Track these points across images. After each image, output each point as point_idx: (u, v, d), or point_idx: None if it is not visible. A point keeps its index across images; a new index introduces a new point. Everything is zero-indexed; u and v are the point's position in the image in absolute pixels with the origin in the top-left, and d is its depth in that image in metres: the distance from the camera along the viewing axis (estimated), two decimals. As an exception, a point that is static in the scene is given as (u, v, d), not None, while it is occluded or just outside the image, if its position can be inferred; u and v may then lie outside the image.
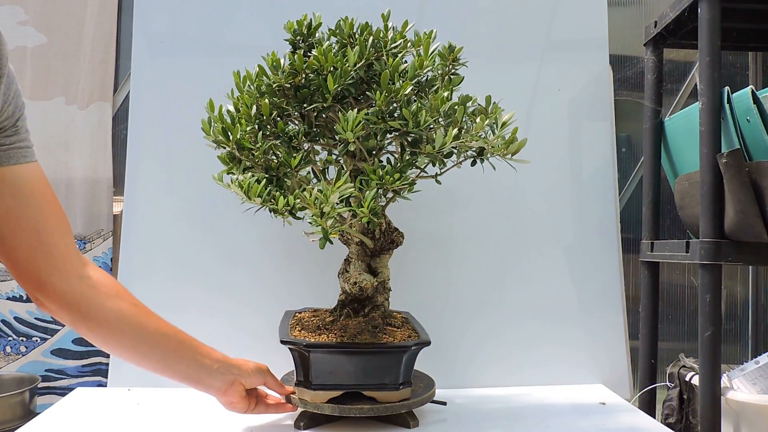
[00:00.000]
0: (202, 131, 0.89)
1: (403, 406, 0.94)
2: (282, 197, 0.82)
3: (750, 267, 1.61)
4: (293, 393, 0.97)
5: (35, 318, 1.44)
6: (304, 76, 0.88)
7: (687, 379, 1.18)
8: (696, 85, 1.36)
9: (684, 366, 1.22)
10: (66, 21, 1.47)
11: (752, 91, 1.00)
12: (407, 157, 0.88)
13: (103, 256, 1.46)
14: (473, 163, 0.94)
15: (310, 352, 0.92)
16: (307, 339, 0.94)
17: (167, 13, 1.32)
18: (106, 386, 1.25)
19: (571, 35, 1.37)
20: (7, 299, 1.44)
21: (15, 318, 1.43)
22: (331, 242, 0.80)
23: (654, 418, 1.10)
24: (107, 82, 1.48)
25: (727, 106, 1.03)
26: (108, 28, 1.48)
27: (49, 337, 1.44)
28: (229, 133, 0.86)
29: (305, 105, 0.89)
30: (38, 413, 1.06)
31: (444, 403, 1.05)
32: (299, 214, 0.85)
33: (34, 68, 1.46)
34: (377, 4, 1.14)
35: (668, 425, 1.14)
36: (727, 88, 1.04)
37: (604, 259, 1.33)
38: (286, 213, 0.82)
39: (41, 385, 1.39)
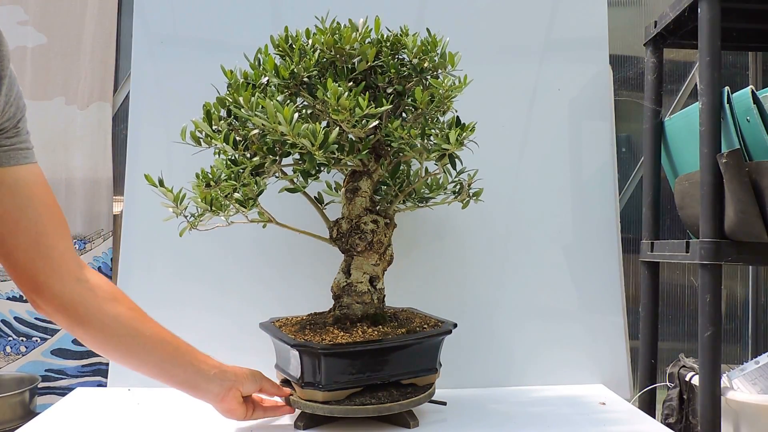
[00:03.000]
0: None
1: (308, 406, 0.93)
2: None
3: (750, 267, 1.61)
4: (291, 395, 0.97)
5: (35, 318, 1.44)
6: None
7: (687, 379, 1.18)
8: (696, 85, 1.36)
9: (684, 366, 1.22)
10: (66, 21, 1.47)
11: (752, 91, 1.00)
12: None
13: (103, 256, 1.46)
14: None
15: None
16: (273, 320, 1.06)
17: (167, 13, 1.32)
18: (106, 386, 1.24)
19: (571, 35, 1.37)
20: (7, 299, 1.44)
21: (15, 318, 1.43)
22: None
23: (654, 418, 1.10)
24: (107, 82, 1.48)
25: (727, 106, 1.03)
26: (108, 28, 1.49)
27: (49, 337, 1.44)
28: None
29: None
30: (38, 413, 1.06)
31: (444, 403, 1.05)
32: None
33: (34, 68, 1.46)
34: (378, 5, 1.14)
35: (668, 425, 1.14)
36: (727, 88, 1.04)
37: (604, 259, 1.33)
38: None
39: (41, 385, 1.39)
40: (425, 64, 0.94)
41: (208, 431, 0.97)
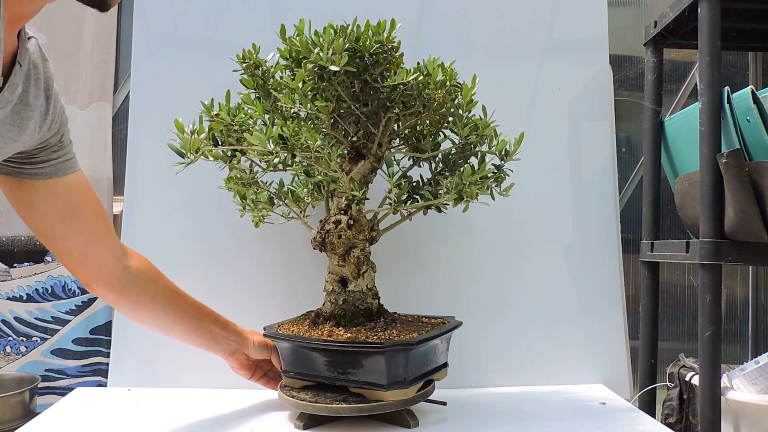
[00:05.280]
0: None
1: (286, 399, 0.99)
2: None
3: (750, 267, 1.61)
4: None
5: (35, 318, 1.44)
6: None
7: (687, 379, 1.18)
8: (696, 85, 1.36)
9: (684, 366, 1.22)
10: (66, 21, 1.47)
11: (752, 91, 1.00)
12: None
13: (103, 256, 1.46)
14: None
15: None
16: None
17: (167, 13, 1.31)
18: (106, 386, 1.24)
19: (571, 35, 1.37)
20: (7, 299, 1.44)
21: (15, 318, 1.43)
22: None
23: (654, 418, 1.10)
24: (107, 82, 1.48)
25: (727, 106, 1.03)
26: (108, 28, 1.49)
27: (49, 337, 1.44)
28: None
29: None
30: (38, 413, 1.06)
31: (444, 403, 1.05)
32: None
33: (34, 68, 1.46)
34: (378, 5, 1.15)
35: (668, 425, 1.14)
36: (727, 88, 1.04)
37: (604, 259, 1.33)
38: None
39: (41, 385, 1.39)
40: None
41: (208, 431, 0.97)
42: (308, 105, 0.86)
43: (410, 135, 1.01)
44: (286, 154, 0.87)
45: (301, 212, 1.05)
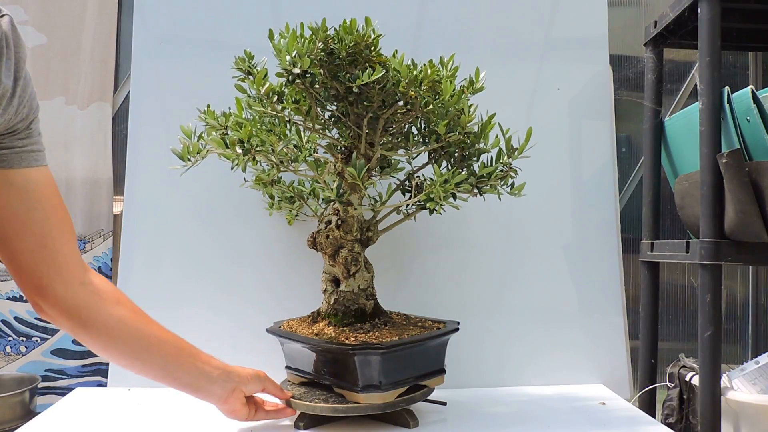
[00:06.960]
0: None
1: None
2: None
3: (750, 267, 1.61)
4: (293, 397, 0.97)
5: (35, 318, 1.44)
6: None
7: (687, 379, 1.18)
8: (696, 85, 1.36)
9: (684, 366, 1.22)
10: (66, 21, 1.48)
11: (752, 91, 1.00)
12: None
13: (103, 256, 1.46)
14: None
15: None
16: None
17: (167, 13, 1.31)
18: (106, 386, 1.24)
19: (571, 34, 1.37)
20: (7, 299, 1.44)
21: (15, 318, 1.44)
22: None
23: (654, 418, 1.10)
24: (107, 82, 1.48)
25: (727, 106, 1.03)
26: (108, 28, 1.49)
27: (49, 337, 1.44)
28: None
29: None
30: (38, 413, 1.06)
31: (444, 403, 1.05)
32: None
33: (34, 68, 1.46)
34: (377, 4, 1.15)
35: (668, 425, 1.14)
36: (727, 88, 1.04)
37: (604, 259, 1.33)
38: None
39: (41, 385, 1.40)
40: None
41: (208, 431, 0.97)
42: (270, 107, 0.89)
43: (406, 134, 1.01)
44: (246, 157, 0.88)
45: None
